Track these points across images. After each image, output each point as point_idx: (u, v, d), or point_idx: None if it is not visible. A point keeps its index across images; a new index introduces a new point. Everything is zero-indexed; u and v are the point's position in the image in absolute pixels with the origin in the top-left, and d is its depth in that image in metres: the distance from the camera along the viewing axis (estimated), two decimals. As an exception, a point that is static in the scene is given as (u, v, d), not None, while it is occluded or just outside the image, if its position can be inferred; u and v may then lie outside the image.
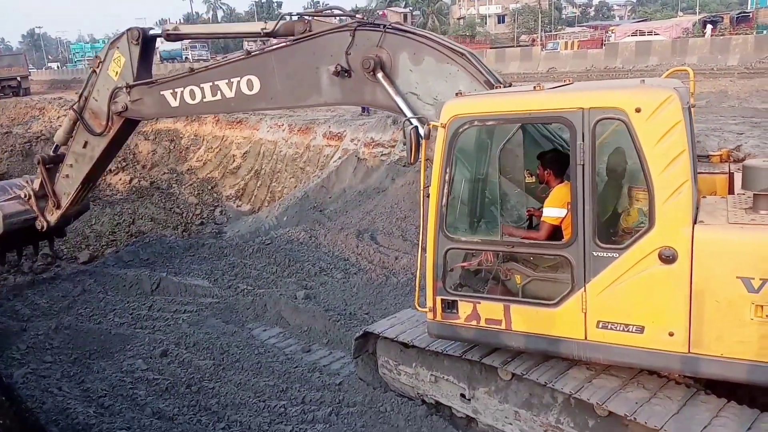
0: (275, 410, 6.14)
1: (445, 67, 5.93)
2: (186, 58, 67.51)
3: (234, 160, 20.25)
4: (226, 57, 7.84)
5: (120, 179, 19.78)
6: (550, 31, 64.96)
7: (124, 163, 21.30)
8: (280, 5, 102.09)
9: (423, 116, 5.93)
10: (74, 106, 8.39)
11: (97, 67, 8.14)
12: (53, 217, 8.98)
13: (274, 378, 6.80)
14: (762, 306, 3.78)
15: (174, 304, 9.22)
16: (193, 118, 22.93)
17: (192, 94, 7.38)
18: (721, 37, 31.44)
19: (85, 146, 8.38)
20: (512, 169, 5.56)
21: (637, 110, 4.00)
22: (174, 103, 7.55)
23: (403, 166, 14.06)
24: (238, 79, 7.00)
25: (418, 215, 5.28)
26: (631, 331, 4.22)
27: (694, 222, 4.02)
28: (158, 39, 8.27)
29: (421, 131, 4.90)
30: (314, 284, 9.77)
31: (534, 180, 5.45)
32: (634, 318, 4.20)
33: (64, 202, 8.83)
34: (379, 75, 6.10)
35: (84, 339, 8.01)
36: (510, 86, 5.95)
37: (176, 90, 7.49)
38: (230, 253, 11.42)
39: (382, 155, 15.24)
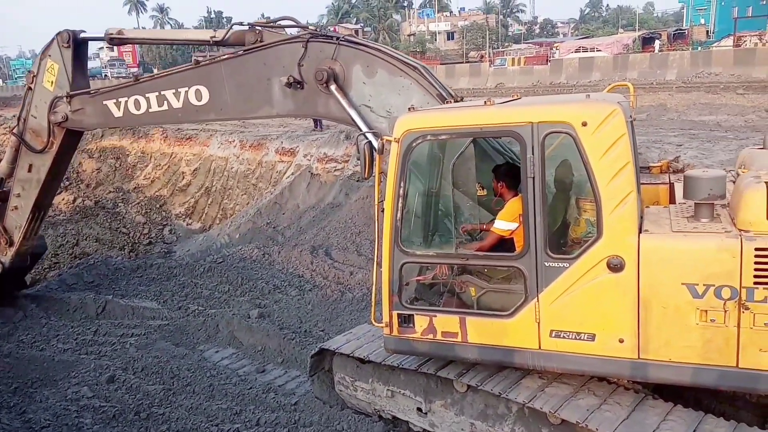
0: (229, 434, 5.98)
1: (397, 80, 5.96)
2: (105, 75, 67.49)
3: (183, 178, 19.84)
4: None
5: (63, 199, 19.08)
6: (498, 48, 66.64)
7: (67, 182, 20.57)
8: (229, 20, 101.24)
9: (376, 129, 5.96)
10: (14, 131, 8.17)
11: (32, 82, 7.88)
12: (7, 256, 8.63)
13: (227, 401, 6.63)
14: (706, 311, 3.91)
15: (121, 327, 8.91)
16: (140, 135, 22.38)
17: (137, 104, 7.12)
18: (660, 53, 32.90)
19: (30, 170, 8.11)
20: (465, 183, 5.63)
21: (584, 124, 4.11)
22: (117, 113, 7.29)
23: (357, 180, 14.07)
24: (186, 89, 6.81)
25: (373, 230, 5.28)
26: (583, 339, 4.31)
27: (640, 231, 4.15)
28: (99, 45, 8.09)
29: (375, 146, 4.91)
30: (268, 302, 9.63)
31: (485, 193, 5.54)
32: (586, 326, 4.29)
33: (17, 237, 8.49)
34: (333, 87, 6.07)
35: (26, 367, 7.63)
36: (461, 100, 6.06)
37: (120, 100, 7.23)
38: (180, 273, 11.16)
39: (335, 170, 15.21)
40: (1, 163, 8.49)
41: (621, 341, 4.19)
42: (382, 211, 4.82)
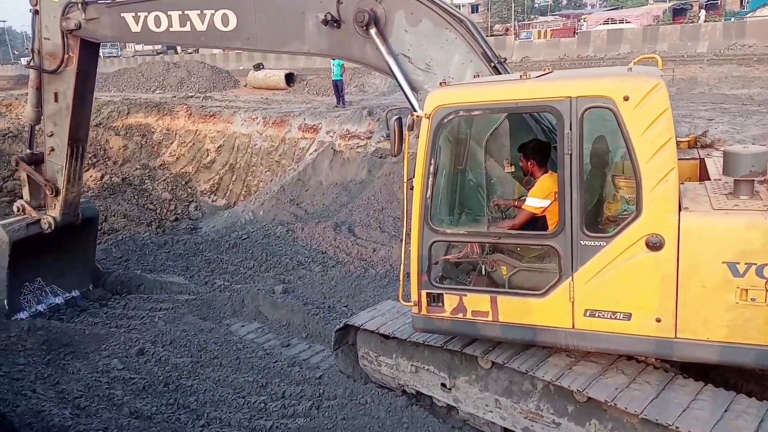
0: (255, 406, 6.08)
1: (442, 32, 5.68)
2: None
3: (208, 155, 19.98)
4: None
5: (91, 176, 19.38)
6: (524, 20, 65.27)
7: (94, 159, 20.88)
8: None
9: (413, 81, 5.73)
10: (30, 64, 7.86)
11: (36, 3, 7.51)
12: (56, 209, 8.33)
13: (253, 374, 6.74)
14: (747, 290, 3.83)
15: (149, 302, 9.08)
16: (165, 112, 22.53)
17: (157, 21, 6.74)
18: (691, 24, 31.92)
19: (56, 99, 7.80)
20: (499, 160, 5.52)
21: (626, 98, 3.98)
22: (135, 28, 6.92)
23: (380, 157, 14.02)
24: (213, 11, 6.42)
25: (396, 207, 5.23)
26: (619, 319, 4.25)
27: (680, 209, 4.04)
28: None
29: (405, 122, 4.75)
30: (292, 278, 9.70)
31: (514, 170, 5.42)
32: (622, 305, 4.23)
33: (61, 181, 8.15)
34: (372, 31, 5.75)
35: (58, 340, 7.83)
36: (505, 61, 5.91)
37: (139, 14, 6.84)
38: (206, 248, 11.28)
39: (358, 147, 15.17)
40: (27, 109, 8.17)
41: (658, 320, 4.12)
42: (411, 188, 4.74)
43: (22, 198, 8.69)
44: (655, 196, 4.00)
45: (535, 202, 4.69)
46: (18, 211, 8.52)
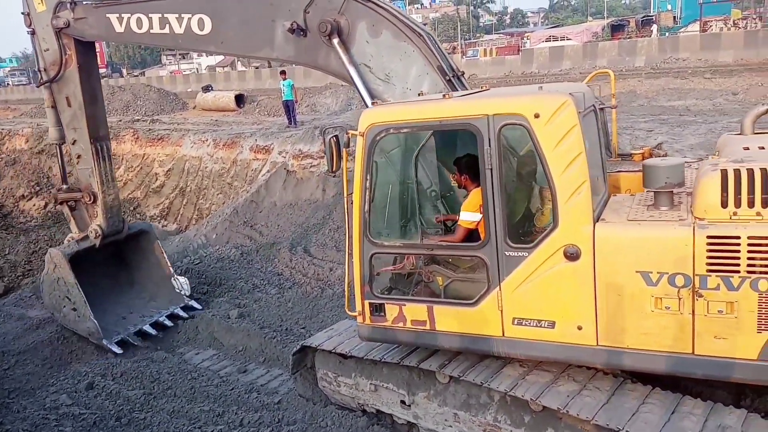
0: (212, 436, 5.95)
1: (401, 45, 5.87)
2: (7, 83, 69.93)
3: (157, 179, 19.55)
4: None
5: (34, 205, 18.71)
6: (469, 39, 66.81)
7: (37, 188, 20.15)
8: None
9: (373, 90, 5.93)
10: (41, 80, 8.20)
11: (30, 24, 7.98)
12: (99, 216, 8.51)
13: (209, 402, 6.59)
14: (661, 298, 3.97)
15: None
16: (111, 136, 21.94)
17: (139, 23, 7.09)
18: (628, 40, 33.29)
19: (69, 104, 8.12)
20: (428, 174, 5.67)
21: (536, 116, 4.17)
22: (119, 29, 7.29)
23: (334, 176, 14.00)
24: (189, 15, 6.75)
25: (344, 222, 5.34)
26: (544, 327, 4.39)
27: (598, 220, 4.21)
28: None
29: (343, 140, 4.95)
30: (248, 302, 9.56)
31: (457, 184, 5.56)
32: (546, 314, 4.38)
33: (95, 185, 8.38)
34: (335, 41, 5.96)
35: (1, 377, 7.48)
36: (463, 75, 6.18)
37: (123, 15, 7.20)
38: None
39: (311, 167, 15.12)
40: (50, 131, 8.52)
41: (579, 328, 4.27)
42: (352, 203, 4.90)
43: (70, 234, 8.89)
44: (569, 208, 4.16)
45: (467, 216, 4.85)
46: (69, 241, 8.75)
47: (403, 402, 5.47)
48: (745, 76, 20.79)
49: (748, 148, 4.31)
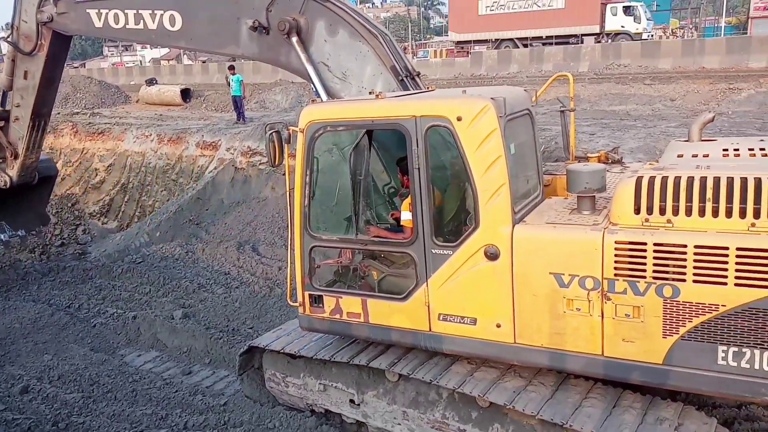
0: (155, 439, 5.77)
1: (357, 44, 6.02)
2: None
3: (97, 174, 18.85)
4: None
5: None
6: (420, 40, 67.32)
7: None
8: None
9: (330, 88, 6.11)
10: (8, 39, 8.58)
11: None
12: (14, 170, 9.12)
13: (151, 406, 6.38)
14: (572, 300, 4.10)
15: (32, 333, 8.37)
16: (48, 130, 21.03)
17: (116, 18, 7.42)
18: (573, 46, 34.26)
19: (25, 77, 8.47)
20: (362, 172, 5.72)
21: (459, 118, 4.28)
22: (98, 24, 7.62)
23: (283, 174, 13.84)
24: (162, 12, 7.04)
25: (287, 216, 5.39)
26: (466, 323, 4.52)
27: (518, 222, 4.32)
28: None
29: (284, 135, 5.05)
30: (193, 302, 9.33)
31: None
32: (468, 311, 4.50)
33: (21, 147, 8.90)
34: (294, 39, 6.13)
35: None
36: (418, 76, 6.31)
37: (102, 11, 7.52)
38: (96, 275, 10.63)
39: (260, 164, 14.90)
40: (1, 76, 8.87)
41: (498, 326, 4.40)
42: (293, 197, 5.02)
43: None
44: (489, 209, 4.28)
45: (407, 215, 4.91)
46: None
47: (352, 401, 5.45)
48: (683, 83, 21.76)
49: (696, 155, 4.45)
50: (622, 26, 37.33)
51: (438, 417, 4.92)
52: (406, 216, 4.88)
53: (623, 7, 37.65)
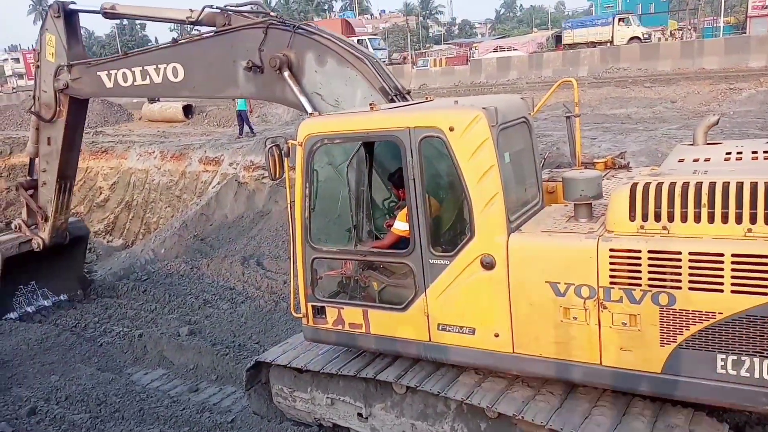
0: (163, 459, 5.74)
1: (345, 71, 6.18)
2: None
3: (101, 193, 18.95)
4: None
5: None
6: (419, 49, 67.60)
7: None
8: (143, 27, 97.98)
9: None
10: (31, 109, 9.05)
11: (38, 60, 8.72)
12: (45, 232, 9.52)
13: (159, 424, 6.36)
14: (569, 309, 4.05)
15: (39, 354, 8.37)
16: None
17: (125, 77, 7.81)
18: (571, 51, 34.35)
19: (49, 143, 8.96)
20: (360, 184, 5.76)
21: (451, 129, 4.29)
22: (109, 84, 8.00)
23: (272, 182, 13.86)
24: (165, 66, 7.40)
25: (288, 229, 5.45)
26: (465, 333, 4.50)
27: (515, 230, 4.30)
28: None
29: (284, 149, 5.10)
30: (199, 318, 9.32)
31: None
32: (466, 320, 4.48)
33: (50, 210, 9.35)
34: (286, 74, 6.34)
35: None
36: (408, 94, 6.37)
37: (111, 72, 7.94)
38: (102, 293, 10.62)
39: (263, 178, 14.93)
40: (28, 145, 9.38)
41: (497, 335, 4.37)
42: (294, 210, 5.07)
43: (20, 216, 10.01)
44: (484, 219, 4.26)
45: (400, 225, 4.95)
46: (16, 228, 9.76)
47: (360, 414, 5.41)
48: (683, 84, 21.76)
49: (697, 160, 4.40)
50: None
51: (447, 429, 4.88)
52: (400, 226, 4.90)
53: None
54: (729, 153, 4.47)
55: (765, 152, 4.35)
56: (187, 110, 27.15)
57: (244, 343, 8.23)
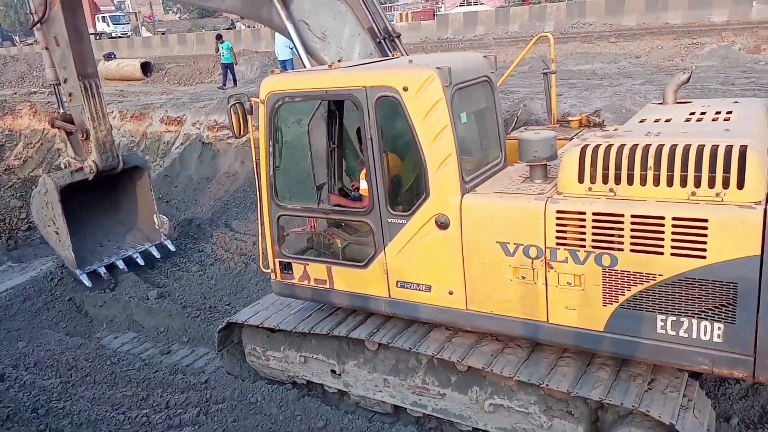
0: (137, 421, 5.76)
1: (335, 3, 6.03)
2: None
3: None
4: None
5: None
6: (385, 3, 66.16)
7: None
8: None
9: (309, 47, 6.15)
10: (31, 23, 8.65)
11: None
12: (93, 152, 8.96)
13: (131, 387, 6.37)
14: (518, 268, 4.16)
15: (4, 321, 8.24)
16: (5, 111, 20.33)
17: None
18: (538, 5, 34.11)
19: (57, 43, 8.53)
20: (320, 141, 5.80)
21: (405, 89, 4.29)
22: None
23: (235, 139, 13.64)
24: None
25: (255, 186, 5.47)
26: (422, 290, 4.64)
27: (470, 191, 4.35)
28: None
29: (246, 107, 5.06)
30: (168, 281, 9.25)
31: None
32: (423, 278, 4.60)
33: (87, 121, 8.82)
34: None
35: None
36: (398, 37, 6.31)
37: None
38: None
39: (228, 138, 14.63)
40: (46, 72, 8.97)
41: (451, 293, 4.50)
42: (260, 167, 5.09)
43: (65, 154, 9.58)
44: (438, 179, 4.32)
45: (364, 184, 4.96)
46: (65, 166, 9.27)
47: (333, 371, 5.52)
48: (647, 39, 21.87)
49: (658, 120, 4.40)
50: None
51: (418, 383, 5.02)
52: (364, 185, 4.90)
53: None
54: (692, 113, 4.48)
55: (728, 112, 4.37)
56: (146, 68, 26.19)
57: (215, 305, 8.23)
